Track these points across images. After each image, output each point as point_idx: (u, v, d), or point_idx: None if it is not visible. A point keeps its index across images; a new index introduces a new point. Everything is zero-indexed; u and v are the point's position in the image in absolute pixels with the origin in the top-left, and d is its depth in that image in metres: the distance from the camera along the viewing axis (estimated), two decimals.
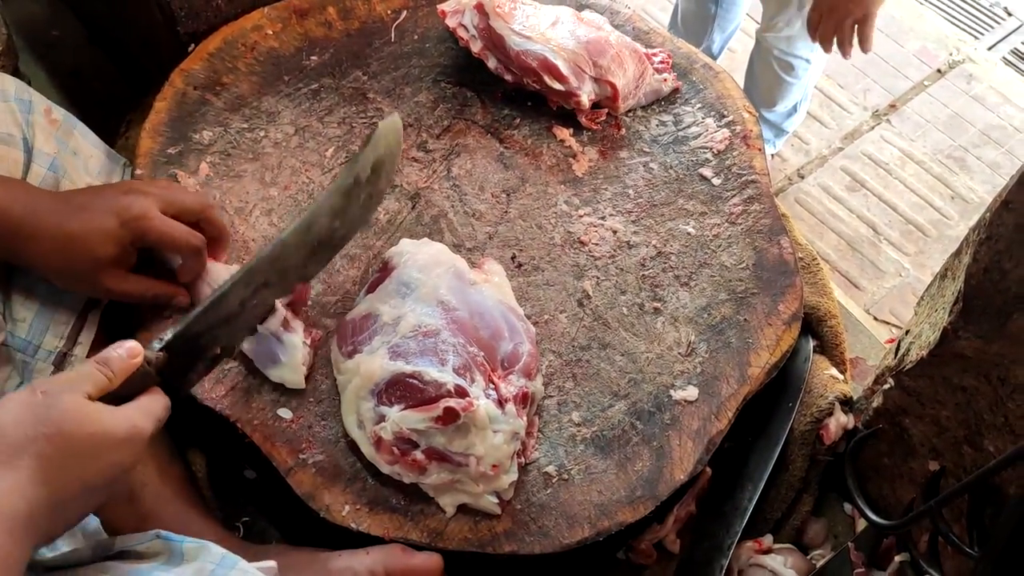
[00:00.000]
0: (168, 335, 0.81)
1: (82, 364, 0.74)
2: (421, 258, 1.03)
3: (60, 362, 0.99)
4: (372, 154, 0.96)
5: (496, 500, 0.95)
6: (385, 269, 1.05)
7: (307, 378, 1.02)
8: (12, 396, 0.69)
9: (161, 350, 0.80)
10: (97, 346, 1.04)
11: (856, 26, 1.67)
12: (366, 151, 0.95)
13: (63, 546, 0.80)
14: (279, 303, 0.97)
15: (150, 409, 0.75)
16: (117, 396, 0.75)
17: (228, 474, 1.11)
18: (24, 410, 0.67)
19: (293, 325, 0.99)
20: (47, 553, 0.77)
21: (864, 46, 1.71)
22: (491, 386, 0.95)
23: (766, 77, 2.18)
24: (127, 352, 0.76)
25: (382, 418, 0.94)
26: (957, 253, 0.99)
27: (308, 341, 1.00)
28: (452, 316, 0.98)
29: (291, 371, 0.99)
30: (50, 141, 1.02)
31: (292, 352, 0.98)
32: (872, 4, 1.64)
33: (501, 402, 0.94)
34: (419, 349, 0.96)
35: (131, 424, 0.72)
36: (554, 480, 0.99)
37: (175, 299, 1.02)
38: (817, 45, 2.06)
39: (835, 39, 1.71)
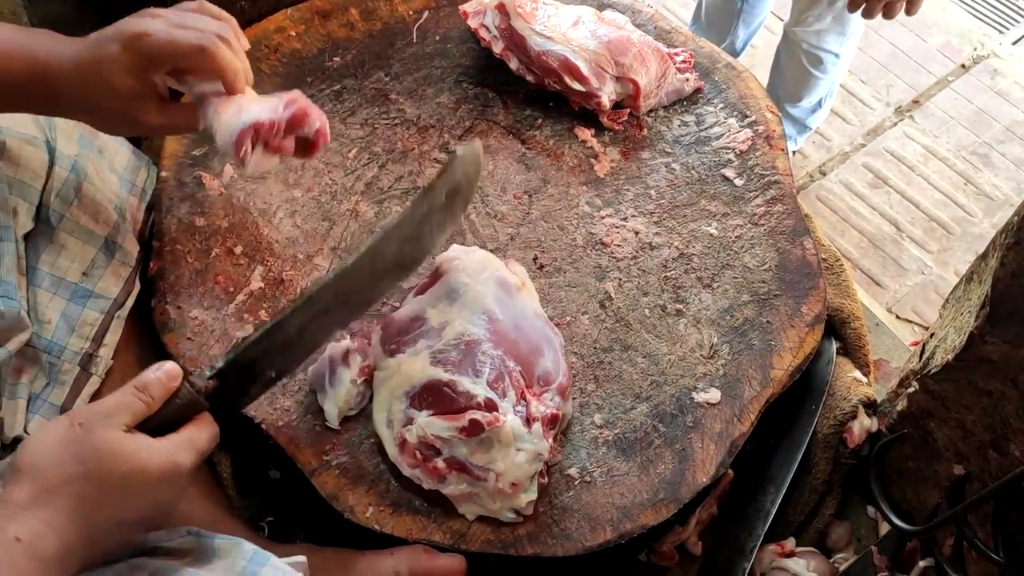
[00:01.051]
0: (221, 363, 0.80)
1: (121, 391, 0.73)
2: (470, 264, 1.03)
3: (86, 363, 1.00)
4: (448, 182, 0.93)
5: (514, 516, 0.95)
6: (435, 274, 1.05)
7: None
8: (50, 428, 0.69)
9: (212, 377, 0.79)
10: (123, 347, 1.05)
11: (906, 2, 1.65)
12: (443, 178, 0.93)
13: None
14: (349, 338, 0.99)
15: (192, 441, 0.74)
16: (163, 420, 0.74)
17: (253, 474, 1.12)
18: (62, 447, 0.67)
19: (351, 360, 0.99)
20: None
21: (911, 12, 1.68)
22: (522, 403, 0.95)
23: (793, 71, 2.17)
24: (165, 375, 0.75)
25: (410, 421, 0.94)
26: (983, 256, 0.98)
27: (359, 380, 0.99)
28: (495, 327, 0.99)
29: (331, 405, 0.99)
30: (71, 143, 1.03)
31: (338, 387, 0.99)
32: None
33: (529, 421, 0.94)
34: (459, 359, 0.96)
35: (170, 460, 0.71)
36: (576, 482, 0.99)
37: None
38: (847, 39, 2.04)
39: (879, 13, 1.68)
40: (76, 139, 1.04)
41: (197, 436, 0.75)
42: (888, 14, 1.68)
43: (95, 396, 1.00)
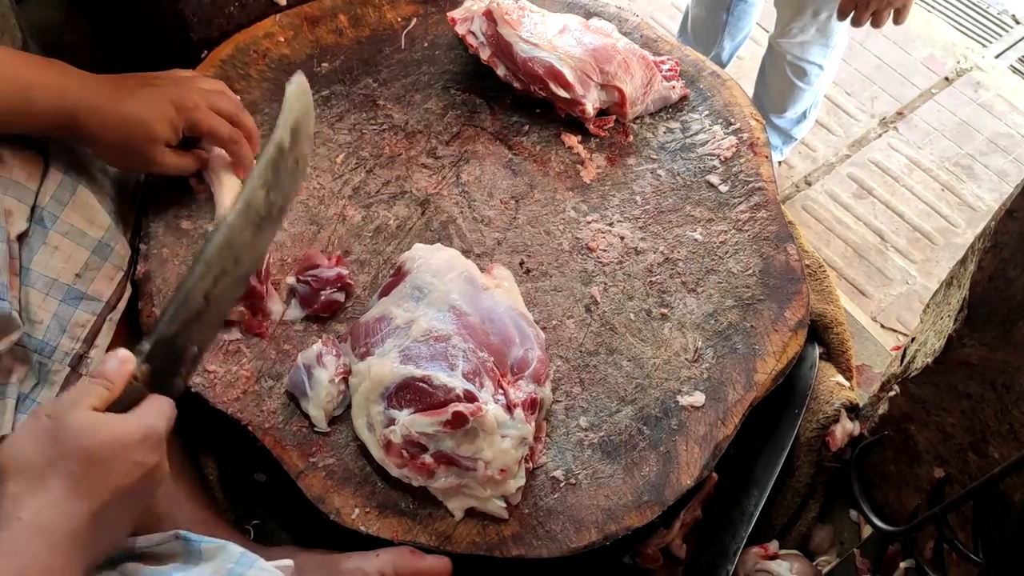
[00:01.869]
0: (146, 346, 0.80)
1: (79, 382, 0.76)
2: (434, 263, 1.04)
3: (76, 364, 1.00)
4: (289, 119, 0.93)
5: (504, 504, 0.95)
6: (399, 273, 1.06)
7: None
8: (21, 428, 0.72)
9: (144, 363, 0.79)
10: (113, 349, 1.05)
11: (893, 12, 1.68)
12: (282, 117, 0.92)
13: None
14: (320, 342, 1.01)
15: (158, 409, 0.76)
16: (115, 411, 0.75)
17: (239, 477, 1.12)
18: (39, 438, 0.70)
19: (325, 360, 1.00)
20: None
21: (899, 21, 1.71)
22: (500, 391, 0.96)
23: (778, 82, 2.19)
24: (119, 359, 0.77)
25: (392, 421, 0.95)
26: (962, 261, 0.99)
27: (337, 379, 1.01)
28: (463, 321, 1.00)
29: (315, 408, 1.00)
30: (66, 145, 1.04)
31: (317, 389, 1.00)
32: None
33: (510, 407, 0.95)
34: (430, 353, 0.97)
35: (143, 424, 0.73)
36: (561, 485, 0.99)
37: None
38: (831, 51, 2.07)
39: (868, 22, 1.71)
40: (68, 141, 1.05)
41: (160, 404, 0.77)
42: (876, 23, 1.71)
43: None
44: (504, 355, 1.00)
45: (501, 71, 1.28)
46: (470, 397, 0.94)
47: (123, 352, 0.78)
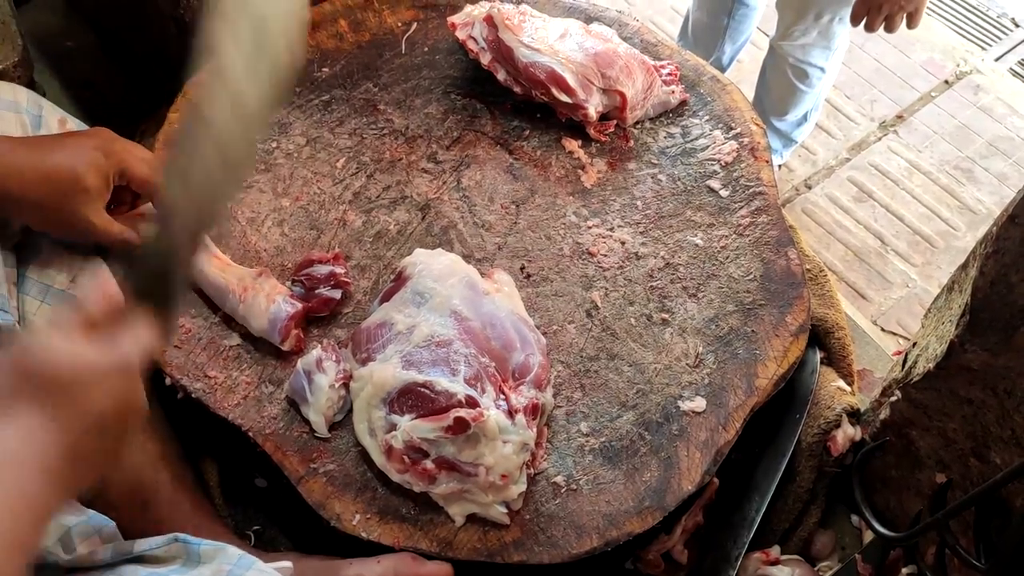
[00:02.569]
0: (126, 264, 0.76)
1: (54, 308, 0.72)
2: (435, 268, 1.04)
3: None
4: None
5: (505, 510, 0.95)
6: (400, 279, 1.06)
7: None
8: None
9: (126, 280, 0.72)
10: None
11: (906, 16, 1.69)
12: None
13: (82, 548, 0.81)
14: (319, 347, 1.00)
15: (133, 336, 0.69)
16: None
17: (239, 483, 1.12)
18: (6, 369, 0.65)
19: (325, 366, 1.00)
20: (65, 555, 0.78)
21: (911, 26, 1.71)
22: (501, 397, 0.96)
23: (779, 85, 2.19)
24: (97, 275, 0.74)
25: (393, 427, 0.95)
26: (964, 266, 0.99)
27: (337, 384, 1.00)
28: (465, 326, 0.99)
29: (315, 414, 1.00)
30: None
31: (318, 394, 0.99)
32: None
33: (511, 413, 0.95)
34: (431, 359, 0.96)
35: (116, 349, 0.67)
36: (563, 490, 0.99)
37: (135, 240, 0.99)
38: (832, 54, 2.07)
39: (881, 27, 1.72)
40: None
41: (140, 330, 0.69)
42: (889, 27, 1.71)
43: None
44: (505, 360, 1.00)
45: (502, 76, 1.28)
46: (472, 402, 0.93)
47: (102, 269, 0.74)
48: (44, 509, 0.62)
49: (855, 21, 1.74)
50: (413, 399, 0.95)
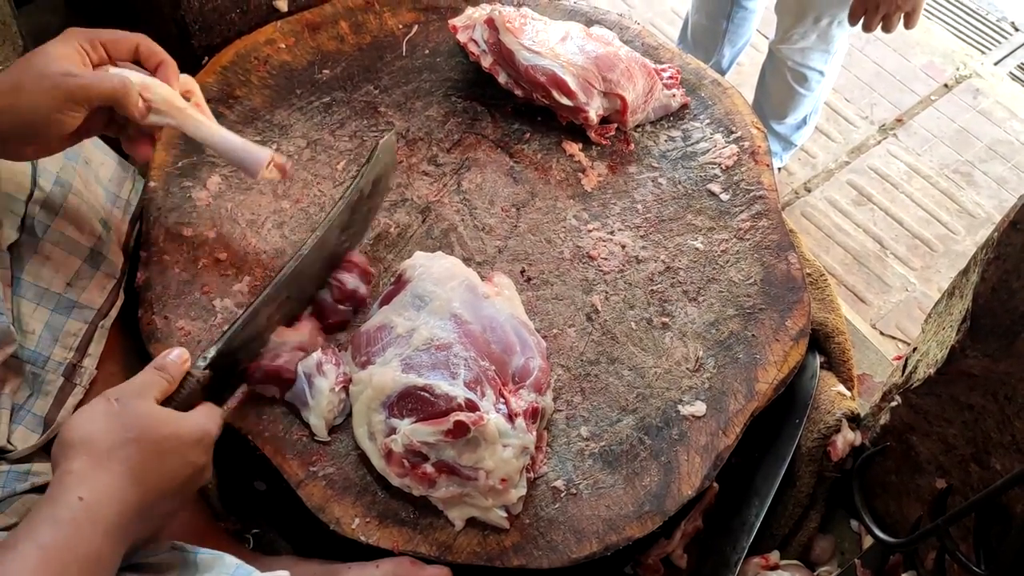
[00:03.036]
0: (211, 352, 0.87)
1: (144, 372, 0.80)
2: (435, 271, 1.04)
3: (70, 374, 0.99)
4: (374, 170, 1.06)
5: (505, 514, 0.95)
6: (399, 281, 1.05)
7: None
8: (90, 407, 0.75)
9: (206, 368, 0.86)
10: (107, 358, 1.04)
11: (904, 16, 1.69)
12: (369, 168, 1.05)
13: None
14: (318, 351, 1.01)
15: (211, 414, 0.82)
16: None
17: (239, 486, 1.11)
18: (107, 419, 0.73)
19: (326, 369, 1.00)
20: None
21: (909, 26, 1.72)
22: (501, 400, 0.96)
23: (778, 88, 2.19)
24: (178, 357, 0.83)
25: (393, 430, 0.94)
26: (965, 272, 0.99)
27: (337, 387, 1.00)
28: (465, 330, 0.99)
29: (316, 417, 0.99)
30: (57, 156, 1.02)
31: (318, 398, 0.99)
32: None
33: (511, 416, 0.94)
34: (431, 362, 0.96)
35: (200, 426, 0.78)
36: (562, 494, 0.99)
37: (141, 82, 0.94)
38: (831, 57, 2.07)
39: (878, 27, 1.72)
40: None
41: (212, 412, 0.82)
42: (886, 27, 1.71)
43: (79, 407, 1.00)
44: (505, 364, 1.00)
45: (502, 79, 1.28)
46: (471, 406, 0.93)
47: (181, 351, 0.84)
48: (109, 563, 0.68)
49: (853, 20, 1.74)
50: (413, 403, 0.94)
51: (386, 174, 1.11)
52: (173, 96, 0.96)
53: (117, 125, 0.96)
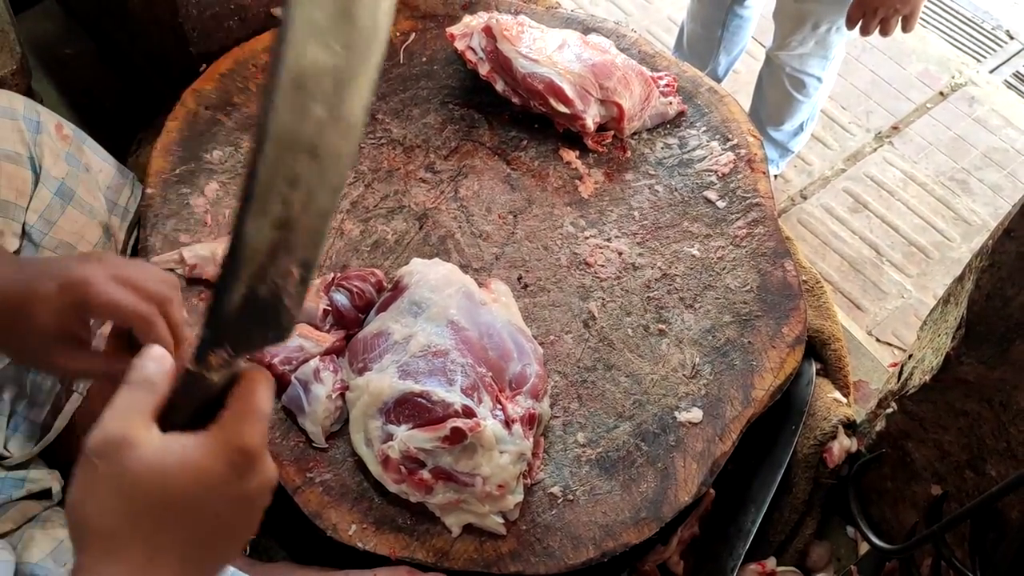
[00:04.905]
0: (207, 332, 0.55)
1: (113, 400, 0.55)
2: (432, 278, 1.04)
3: (69, 381, 0.99)
4: None
5: (501, 520, 0.95)
6: (397, 288, 1.06)
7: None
8: (76, 479, 0.54)
9: (215, 348, 0.55)
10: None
11: (902, 19, 1.70)
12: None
13: (71, 564, 0.80)
14: (316, 358, 0.98)
15: (245, 413, 0.55)
16: (196, 413, 0.56)
17: None
18: (99, 492, 0.53)
19: (323, 376, 1.00)
20: (58, 569, 0.77)
21: (907, 29, 1.72)
22: (498, 407, 0.96)
23: (775, 95, 2.19)
24: (158, 360, 0.57)
25: (390, 437, 0.95)
26: (960, 279, 0.99)
27: (334, 394, 1.00)
28: (462, 336, 0.99)
29: (312, 424, 0.99)
30: (59, 163, 1.03)
31: (314, 405, 0.99)
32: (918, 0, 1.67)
33: (508, 423, 0.94)
34: (428, 369, 0.96)
35: (229, 447, 0.54)
36: (559, 501, 0.99)
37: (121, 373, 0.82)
38: (829, 63, 2.08)
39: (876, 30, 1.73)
40: (63, 157, 1.04)
41: (243, 405, 0.55)
42: (884, 31, 1.72)
43: (76, 414, 0.99)
44: (502, 370, 1.00)
45: (500, 86, 1.28)
46: (468, 413, 0.93)
47: (156, 349, 0.58)
48: None
49: (851, 24, 1.75)
50: (410, 409, 0.95)
51: None
52: None
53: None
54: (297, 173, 0.54)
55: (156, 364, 0.57)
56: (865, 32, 1.74)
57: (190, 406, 0.56)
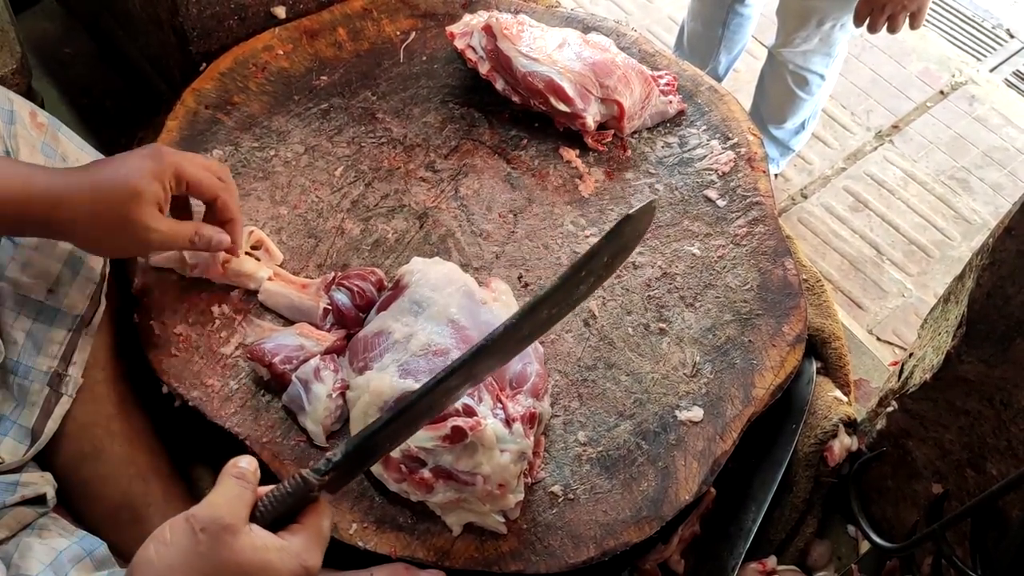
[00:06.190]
0: (338, 456, 0.72)
1: (222, 485, 0.69)
2: (433, 277, 1.04)
3: (56, 383, 0.98)
4: (614, 247, 0.80)
5: (502, 519, 0.95)
6: (397, 287, 1.06)
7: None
8: (170, 531, 0.65)
9: (328, 471, 0.72)
10: (94, 366, 1.03)
11: (909, 16, 1.70)
12: (610, 243, 0.79)
13: (74, 573, 0.80)
14: (316, 357, 0.99)
15: (316, 537, 0.69)
16: (275, 515, 0.70)
17: None
18: (188, 559, 0.62)
19: (323, 375, 1.00)
20: None
21: (914, 26, 1.73)
22: (499, 405, 0.96)
23: (778, 92, 2.20)
24: (250, 464, 0.71)
25: None
26: (960, 277, 0.99)
27: (335, 393, 0.99)
28: (462, 335, 0.99)
29: (313, 423, 0.99)
30: (35, 153, 1.00)
31: (315, 404, 0.99)
32: None
33: (508, 422, 0.94)
34: (428, 368, 0.96)
35: (301, 565, 0.67)
36: (560, 500, 0.99)
37: (215, 240, 0.98)
38: (832, 60, 2.08)
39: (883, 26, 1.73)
40: (39, 148, 1.01)
41: (317, 529, 0.70)
42: (892, 28, 1.72)
43: (67, 417, 0.99)
44: (503, 369, 1.00)
45: (500, 85, 1.28)
46: (469, 411, 0.93)
47: (248, 458, 0.72)
48: None
49: (858, 21, 1.75)
50: None
51: (631, 246, 0.83)
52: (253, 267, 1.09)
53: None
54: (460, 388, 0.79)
55: (250, 463, 0.71)
56: (872, 29, 1.74)
57: (282, 505, 0.69)
